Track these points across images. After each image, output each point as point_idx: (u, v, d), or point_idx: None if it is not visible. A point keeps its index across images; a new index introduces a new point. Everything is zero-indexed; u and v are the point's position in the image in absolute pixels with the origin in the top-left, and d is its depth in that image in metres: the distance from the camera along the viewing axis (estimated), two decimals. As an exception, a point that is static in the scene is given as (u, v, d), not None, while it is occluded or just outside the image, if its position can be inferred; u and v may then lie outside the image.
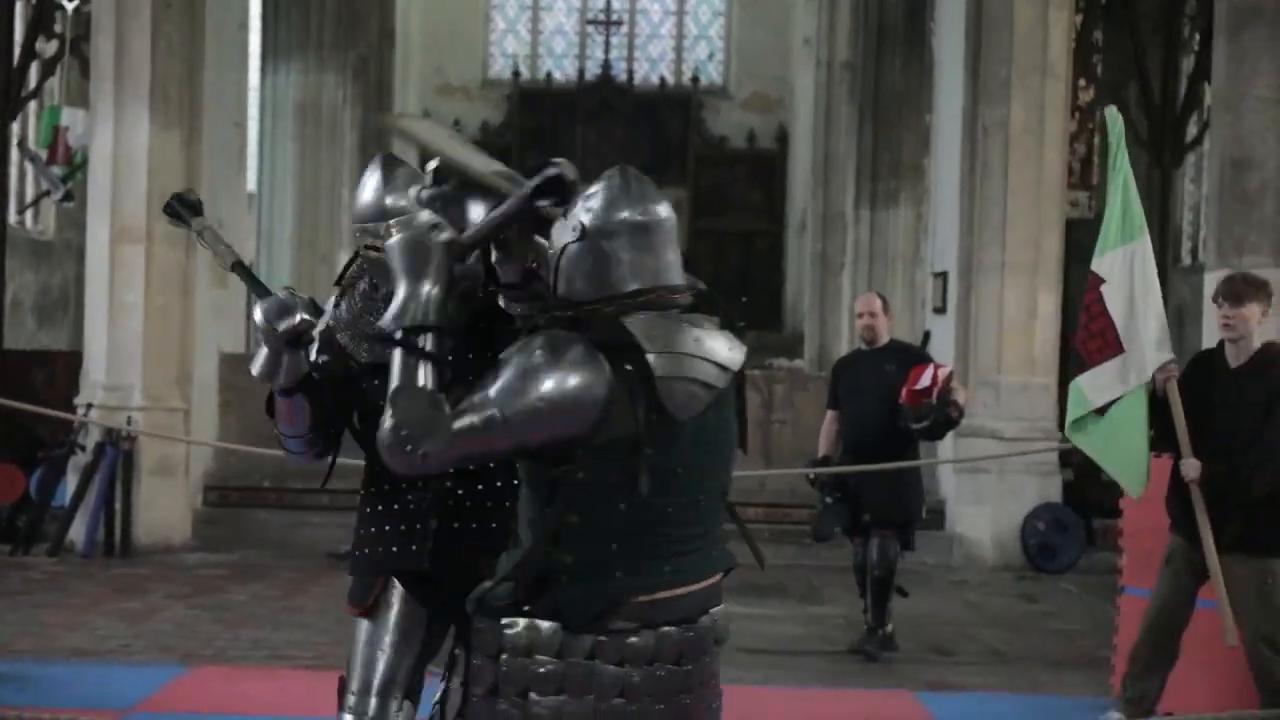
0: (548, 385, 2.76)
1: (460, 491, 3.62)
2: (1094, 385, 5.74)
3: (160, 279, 10.86)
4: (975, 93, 11.73)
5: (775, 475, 10.49)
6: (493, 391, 2.78)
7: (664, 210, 2.95)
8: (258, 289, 3.64)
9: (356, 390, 3.68)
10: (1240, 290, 5.58)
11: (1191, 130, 13.67)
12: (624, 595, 2.85)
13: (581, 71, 24.81)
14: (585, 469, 2.80)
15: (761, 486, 11.12)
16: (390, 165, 3.75)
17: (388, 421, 2.75)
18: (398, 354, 2.83)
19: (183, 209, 3.79)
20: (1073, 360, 5.90)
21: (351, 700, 3.69)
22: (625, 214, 2.90)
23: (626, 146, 24.07)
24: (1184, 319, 16.35)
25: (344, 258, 17.17)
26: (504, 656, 2.84)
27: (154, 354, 10.79)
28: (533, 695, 2.83)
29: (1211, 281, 7.10)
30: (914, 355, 7.84)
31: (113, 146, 10.79)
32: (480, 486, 3.65)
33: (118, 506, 10.47)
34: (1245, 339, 5.60)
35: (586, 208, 2.92)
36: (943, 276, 12.36)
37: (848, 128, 18.59)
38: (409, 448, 2.74)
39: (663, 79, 24.88)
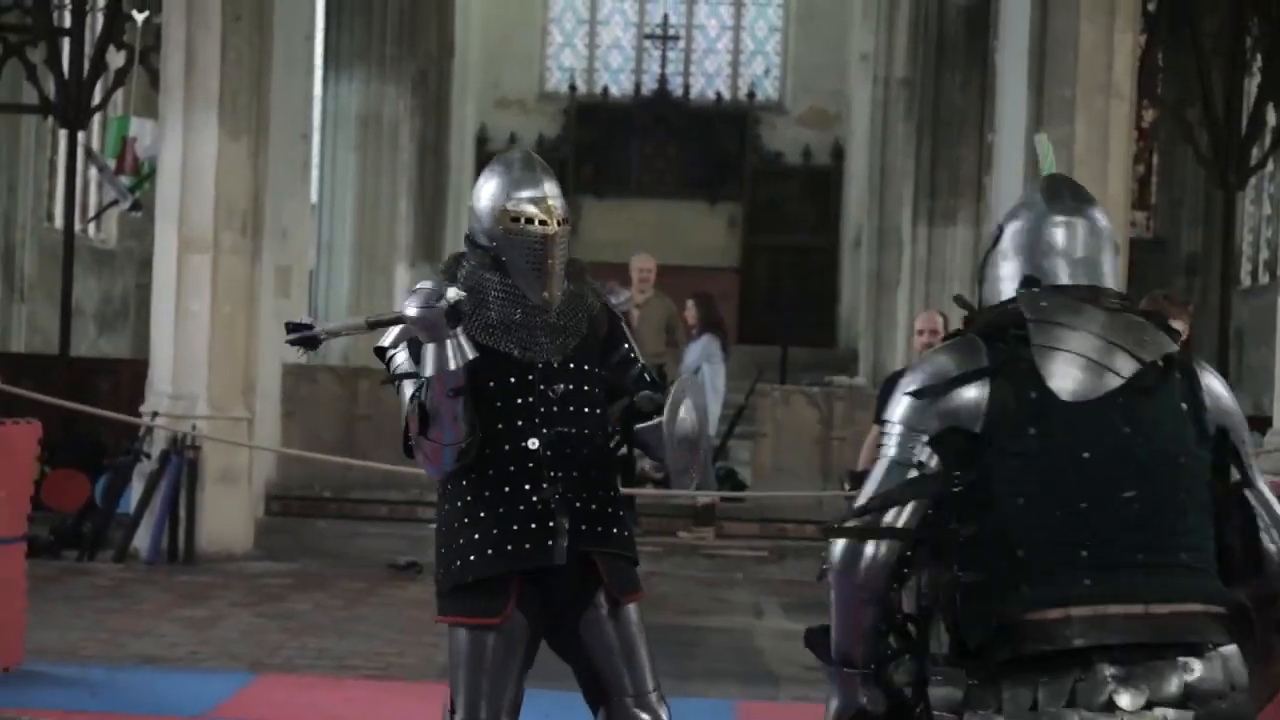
0: (928, 388, 2.63)
1: (580, 494, 3.68)
2: None
3: (226, 288, 10.94)
4: (1039, 112, 11.67)
5: (831, 495, 10.49)
6: (892, 424, 2.67)
7: (1095, 213, 2.82)
8: (400, 319, 3.64)
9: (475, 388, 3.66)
10: None
11: (1255, 153, 13.57)
12: (1030, 608, 2.51)
13: (638, 86, 24.85)
14: (980, 468, 2.60)
15: (819, 505, 11.12)
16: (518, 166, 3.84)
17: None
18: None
19: (302, 335, 3.66)
20: None
21: None
22: (1054, 213, 2.78)
23: (682, 161, 24.15)
24: (1244, 341, 16.24)
25: (401, 271, 17.34)
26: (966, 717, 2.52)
27: (219, 363, 10.87)
28: None
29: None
30: None
31: (181, 156, 10.88)
32: (594, 491, 3.73)
33: (182, 514, 10.55)
34: None
35: (1015, 209, 2.84)
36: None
37: (905, 144, 18.54)
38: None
39: (719, 94, 24.88)
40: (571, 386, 3.74)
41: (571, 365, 3.76)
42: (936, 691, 2.57)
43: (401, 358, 3.70)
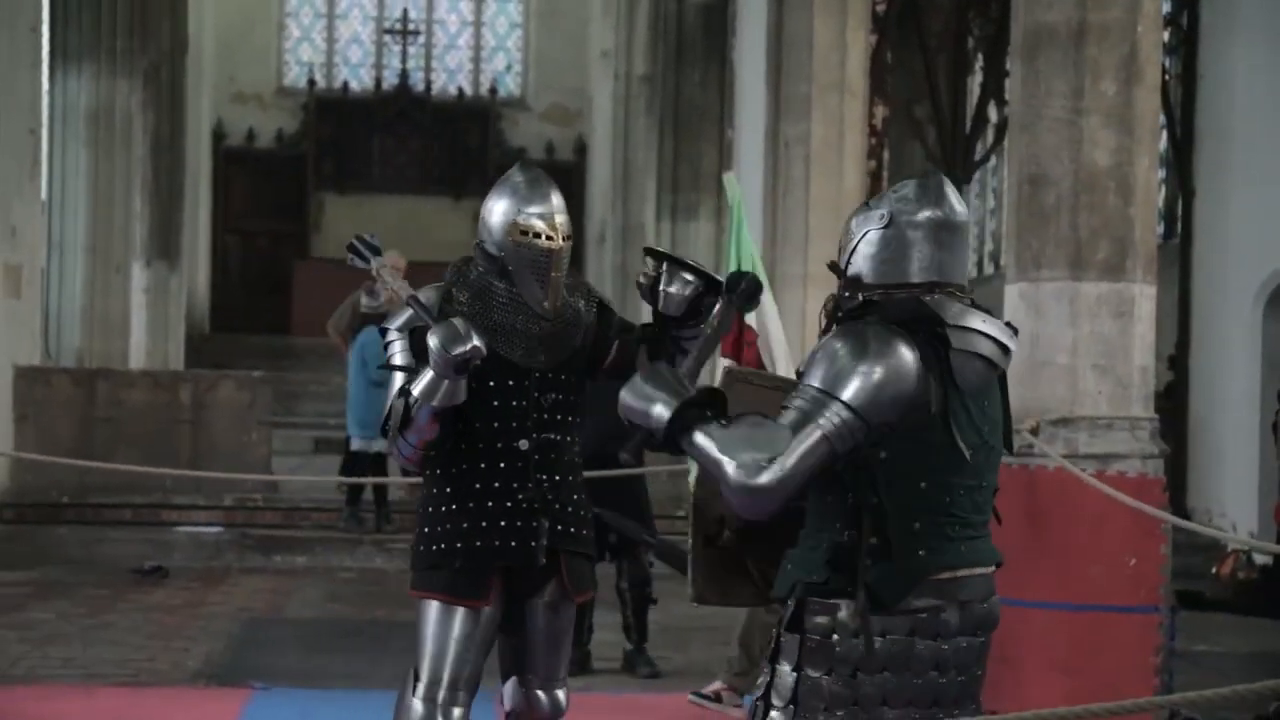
0: (877, 370, 2.90)
1: (557, 496, 4.02)
2: None
3: (-48, 287, 10.55)
4: (776, 108, 12.01)
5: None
6: (819, 386, 2.90)
7: (963, 212, 3.13)
8: (430, 317, 3.91)
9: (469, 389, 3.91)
10: None
11: (979, 148, 14.21)
12: (928, 572, 2.98)
13: (379, 81, 24.66)
14: (887, 448, 2.94)
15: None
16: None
17: (729, 468, 2.85)
18: (699, 437, 2.94)
19: (365, 249, 4.17)
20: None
21: (440, 693, 3.93)
22: (929, 211, 3.06)
23: (425, 156, 24.06)
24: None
25: (137, 269, 16.88)
26: (835, 637, 2.97)
27: (-54, 366, 10.47)
28: (860, 674, 2.97)
29: (1013, 293, 7.43)
30: None
31: (-99, 152, 10.45)
32: (569, 494, 4.07)
33: (-90, 524, 10.14)
34: None
35: (895, 198, 3.10)
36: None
37: (646, 140, 18.84)
38: (758, 476, 2.84)
39: (461, 90, 24.86)
40: (560, 396, 4.06)
41: (563, 376, 4.07)
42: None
43: (399, 347, 3.98)
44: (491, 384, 3.97)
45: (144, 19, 16.95)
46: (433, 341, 3.77)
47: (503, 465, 3.98)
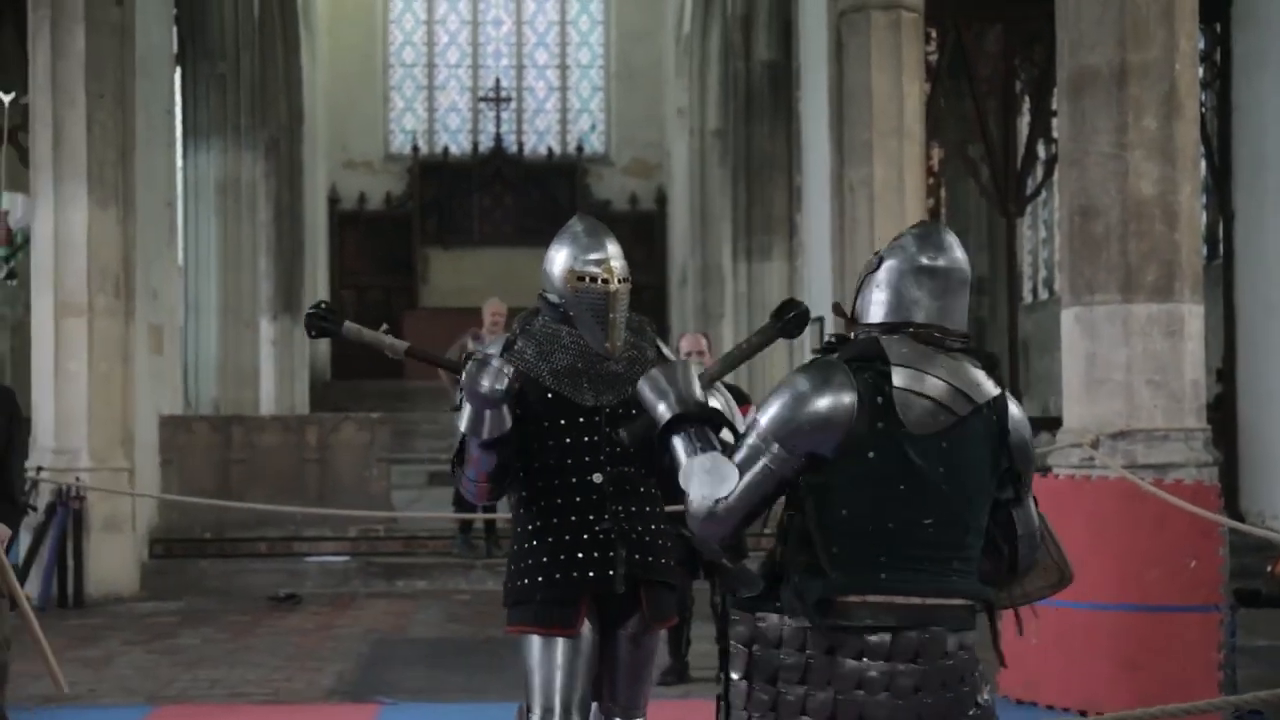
0: (805, 404, 2.86)
1: (634, 527, 3.91)
2: None
3: (102, 347, 10.71)
4: (840, 154, 11.97)
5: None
6: (763, 430, 2.89)
7: (947, 259, 3.01)
8: (443, 364, 3.98)
9: (538, 427, 3.86)
10: None
11: (1029, 183, 14.05)
12: (836, 594, 2.85)
13: (475, 144, 24.85)
14: (825, 474, 2.87)
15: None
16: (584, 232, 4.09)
17: (690, 494, 2.92)
18: (679, 453, 3.01)
19: (325, 323, 4.00)
20: None
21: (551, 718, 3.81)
22: (914, 255, 2.99)
23: (519, 211, 24.18)
24: (1030, 351, 16.77)
25: (264, 323, 17.11)
26: (755, 647, 2.91)
27: (98, 417, 10.62)
28: (780, 684, 2.88)
29: (1069, 317, 7.34)
30: (739, 394, 7.81)
31: (53, 226, 10.64)
32: (646, 524, 3.94)
33: (70, 561, 10.28)
34: None
35: (894, 244, 3.04)
36: (819, 322, 12.56)
37: (721, 189, 18.85)
38: (711, 506, 2.90)
39: (550, 149, 25.00)
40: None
41: (633, 410, 3.80)
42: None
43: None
44: (563, 423, 3.88)
45: (264, 98, 17.25)
46: (475, 385, 3.71)
47: (579, 499, 3.88)
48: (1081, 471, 6.91)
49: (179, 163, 14.99)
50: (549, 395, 3.90)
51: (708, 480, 2.91)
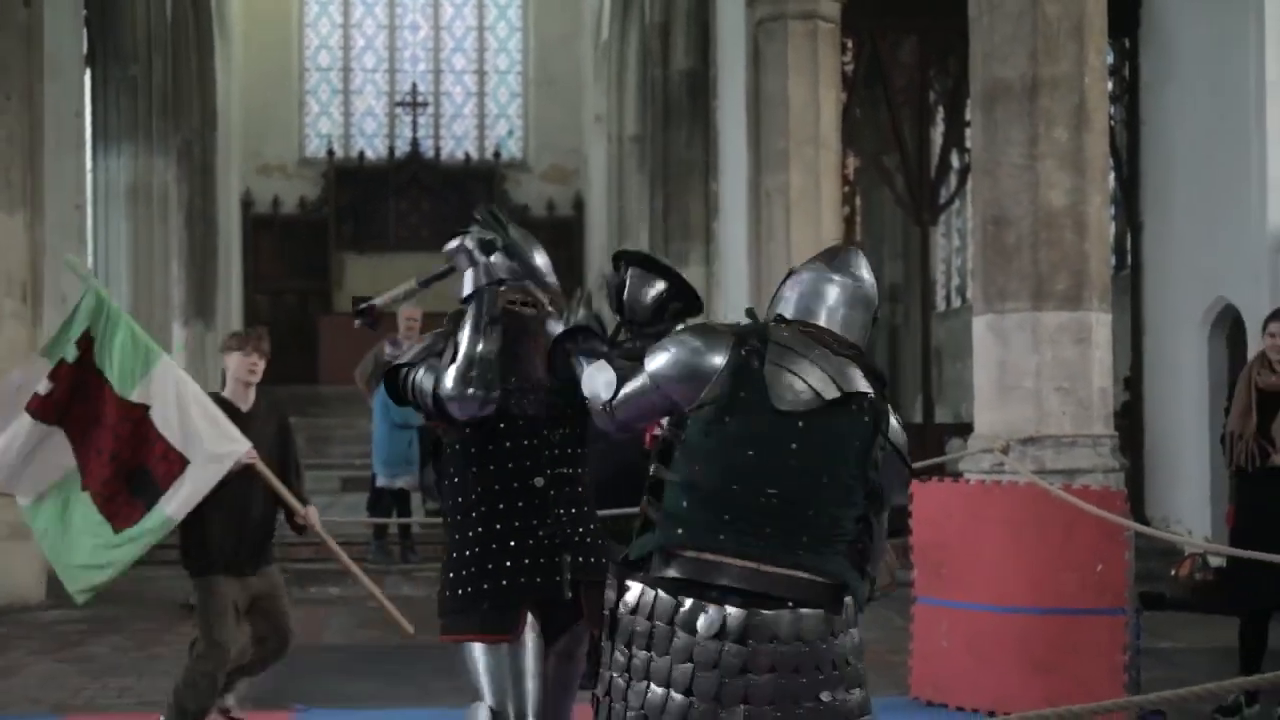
0: (680, 354, 3.18)
1: (575, 529, 3.91)
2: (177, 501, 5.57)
3: (8, 353, 10.47)
4: (757, 162, 12.07)
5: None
6: (647, 364, 3.26)
7: (852, 278, 3.28)
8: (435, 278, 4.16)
9: (479, 434, 3.86)
10: None
11: (943, 192, 14.23)
12: (676, 546, 3.07)
13: (392, 149, 24.73)
14: (687, 431, 3.11)
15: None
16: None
17: (590, 388, 3.42)
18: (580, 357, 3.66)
19: (360, 311, 4.15)
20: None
21: None
22: (831, 272, 3.28)
23: (435, 217, 24.06)
24: (943, 358, 16.97)
25: (177, 328, 16.90)
26: (620, 610, 3.12)
27: (5, 424, 10.42)
28: (632, 648, 3.08)
29: (980, 325, 7.45)
30: None
31: (-42, 230, 10.46)
32: (585, 525, 3.95)
33: (-27, 570, 10.10)
34: None
35: (808, 261, 3.39)
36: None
37: (639, 195, 18.89)
38: (602, 406, 3.37)
39: (467, 154, 24.93)
40: (567, 430, 3.95)
41: (568, 411, 3.93)
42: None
43: (421, 375, 3.89)
44: (502, 425, 3.87)
45: (176, 101, 17.05)
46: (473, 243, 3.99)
47: (521, 504, 3.85)
48: (992, 476, 7.01)
49: (89, 166, 14.75)
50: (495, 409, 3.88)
51: (593, 382, 3.41)
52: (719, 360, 3.10)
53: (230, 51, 22.25)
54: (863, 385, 3.15)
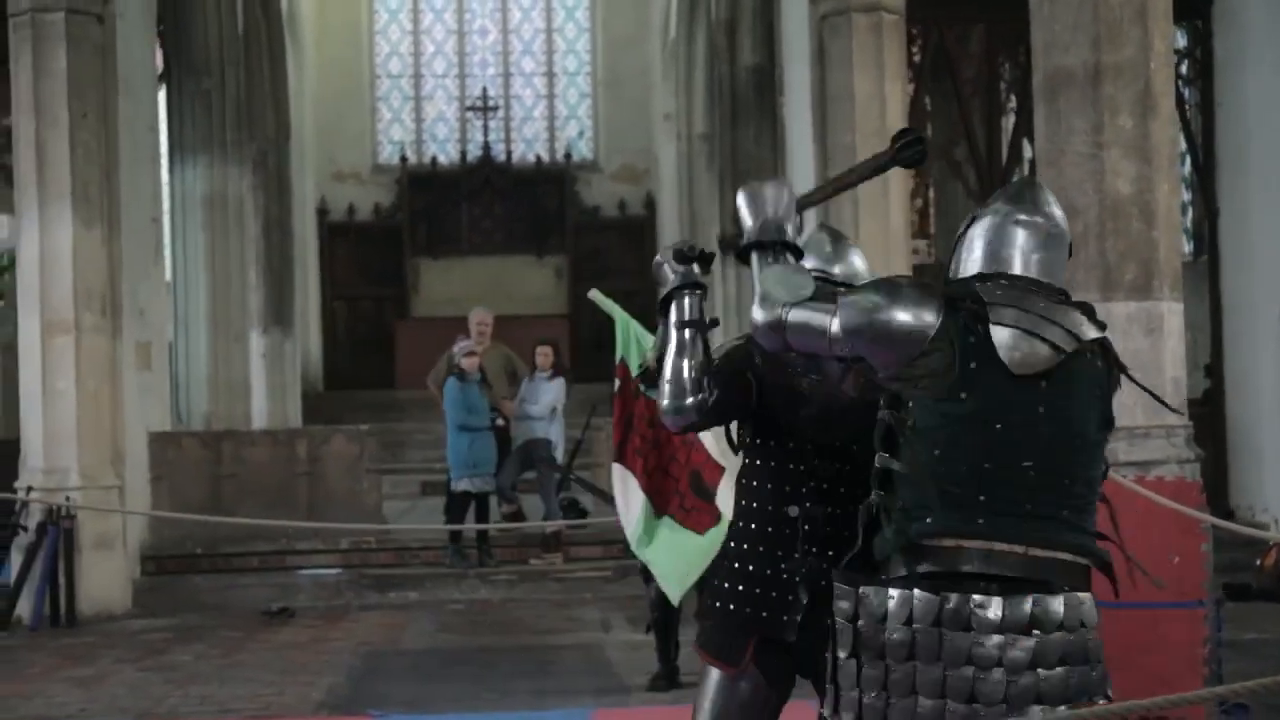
0: (884, 308, 2.85)
1: (822, 571, 3.35)
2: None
3: (89, 366, 10.71)
4: (824, 157, 11.99)
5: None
6: (841, 300, 2.95)
7: (1043, 215, 2.96)
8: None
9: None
10: None
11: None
12: (927, 537, 2.75)
13: (463, 154, 24.88)
14: (914, 415, 2.79)
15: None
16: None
17: (766, 284, 3.09)
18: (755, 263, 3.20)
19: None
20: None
21: None
22: (1017, 213, 2.95)
23: (508, 220, 24.22)
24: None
25: (255, 336, 17.12)
26: (860, 622, 2.79)
27: (87, 436, 10.62)
28: (889, 661, 2.75)
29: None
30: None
31: (39, 247, 10.65)
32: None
33: (61, 580, 10.29)
34: None
35: (987, 204, 3.02)
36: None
37: (708, 193, 18.88)
38: (775, 309, 3.03)
39: (538, 157, 25.03)
40: (840, 466, 3.46)
41: (854, 446, 3.42)
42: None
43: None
44: (792, 445, 3.53)
45: (250, 112, 17.26)
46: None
47: (771, 530, 3.50)
48: (1065, 471, 6.95)
49: (165, 179, 14.99)
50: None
51: (780, 286, 3.06)
52: (929, 318, 2.78)
53: (302, 61, 22.51)
54: (1093, 331, 2.86)
